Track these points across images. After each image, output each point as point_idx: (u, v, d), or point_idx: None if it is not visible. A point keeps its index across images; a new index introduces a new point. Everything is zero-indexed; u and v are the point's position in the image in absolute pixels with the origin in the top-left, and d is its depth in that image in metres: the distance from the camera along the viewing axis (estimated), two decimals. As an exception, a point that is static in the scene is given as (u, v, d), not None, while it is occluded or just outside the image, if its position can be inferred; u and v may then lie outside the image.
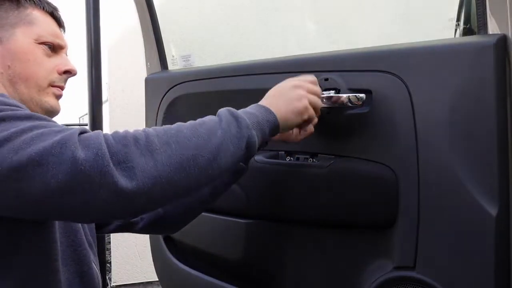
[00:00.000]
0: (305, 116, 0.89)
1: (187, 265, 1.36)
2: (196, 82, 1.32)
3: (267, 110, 0.83)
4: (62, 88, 0.91)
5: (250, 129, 0.77)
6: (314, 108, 0.91)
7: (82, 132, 0.67)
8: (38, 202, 0.64)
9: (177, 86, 1.36)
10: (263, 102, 0.86)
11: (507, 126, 0.83)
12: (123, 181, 0.63)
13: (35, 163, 0.62)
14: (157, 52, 1.49)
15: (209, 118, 0.77)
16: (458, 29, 1.16)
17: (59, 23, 0.93)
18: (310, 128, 0.95)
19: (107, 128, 3.20)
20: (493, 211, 0.83)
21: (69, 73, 0.91)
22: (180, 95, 1.36)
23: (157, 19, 1.47)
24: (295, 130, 0.96)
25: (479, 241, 0.85)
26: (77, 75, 0.94)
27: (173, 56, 1.52)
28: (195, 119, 0.78)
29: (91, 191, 0.62)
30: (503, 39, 0.83)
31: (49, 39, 0.88)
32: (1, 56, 0.84)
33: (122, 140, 0.66)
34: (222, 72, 1.27)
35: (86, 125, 2.14)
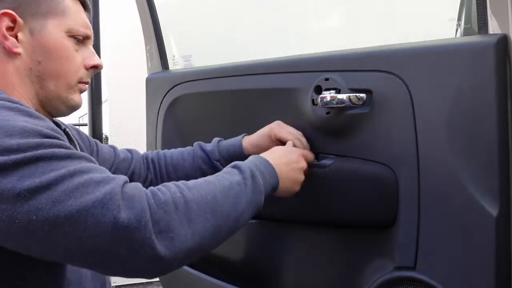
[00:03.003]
0: (298, 187, 0.96)
1: (188, 265, 1.36)
2: (197, 82, 1.32)
3: (275, 177, 0.88)
4: (87, 83, 0.87)
5: (262, 195, 0.82)
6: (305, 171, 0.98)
7: (125, 182, 0.65)
8: (68, 257, 0.63)
9: (178, 86, 1.36)
10: (274, 161, 0.90)
11: (507, 126, 0.83)
12: (163, 251, 0.62)
13: (73, 220, 0.59)
14: (158, 52, 1.49)
15: (236, 180, 0.78)
16: (459, 29, 1.16)
17: (85, 8, 0.87)
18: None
19: (107, 128, 3.20)
20: (493, 211, 0.83)
21: (96, 68, 0.87)
22: (181, 95, 1.36)
23: (158, 19, 1.47)
24: None
25: (479, 241, 0.85)
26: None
27: (174, 56, 1.52)
28: (196, 119, 0.79)
29: (129, 256, 0.61)
30: (503, 39, 0.84)
31: (80, 31, 0.83)
32: (31, 49, 0.78)
33: (164, 206, 0.65)
34: (223, 72, 1.27)
35: (86, 125, 2.15)
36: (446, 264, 0.89)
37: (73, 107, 0.85)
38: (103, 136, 2.51)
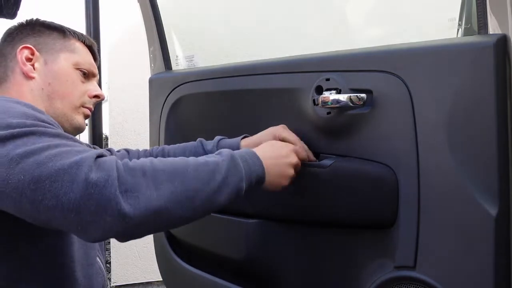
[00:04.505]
0: (286, 182, 0.96)
1: (190, 265, 1.37)
2: (199, 82, 1.33)
3: (260, 167, 0.89)
4: (91, 110, 1.04)
5: (242, 183, 0.84)
6: (298, 166, 1.00)
7: (100, 155, 0.73)
8: (49, 214, 0.70)
9: (181, 86, 1.37)
10: (261, 153, 0.92)
11: (507, 126, 0.84)
12: (127, 208, 0.69)
13: (52, 178, 0.68)
14: (161, 52, 1.49)
15: (213, 160, 0.83)
16: (460, 29, 1.16)
17: (94, 56, 1.07)
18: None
19: (107, 128, 3.20)
20: (493, 211, 0.83)
21: (97, 97, 1.04)
22: (184, 95, 1.36)
23: (161, 19, 1.48)
24: None
25: (479, 241, 0.85)
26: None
27: (177, 57, 1.53)
28: (198, 119, 0.81)
29: (97, 213, 0.68)
30: (503, 39, 0.84)
31: (86, 66, 1.02)
32: (44, 75, 0.97)
33: (131, 171, 0.72)
34: (225, 72, 1.27)
35: (86, 125, 2.15)
36: (446, 263, 0.89)
37: (77, 128, 1.01)
38: (103, 136, 2.51)
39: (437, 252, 0.90)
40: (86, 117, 1.03)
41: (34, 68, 0.97)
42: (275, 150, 0.96)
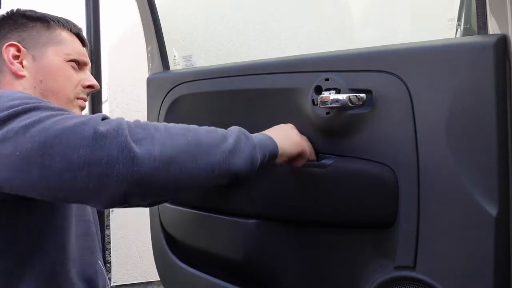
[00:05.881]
0: (300, 148, 0.98)
1: (189, 265, 1.37)
2: (198, 82, 1.33)
3: (271, 141, 0.91)
4: (85, 100, 1.01)
5: (256, 151, 0.83)
6: (306, 149, 1.01)
7: (105, 118, 0.72)
8: (59, 180, 0.67)
9: (179, 86, 1.37)
10: (268, 132, 0.95)
11: (507, 126, 0.83)
12: (141, 152, 0.66)
13: (59, 139, 0.66)
14: (159, 52, 1.49)
15: (221, 129, 0.83)
16: (459, 29, 1.16)
17: (83, 43, 1.03)
18: (303, 162, 1.02)
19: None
20: (493, 211, 0.83)
21: (91, 87, 1.01)
22: (182, 95, 1.36)
23: (159, 19, 1.47)
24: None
25: (479, 241, 0.85)
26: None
27: (174, 56, 1.52)
28: (197, 119, 0.81)
29: (109, 165, 0.65)
30: (503, 39, 0.84)
31: (76, 56, 0.98)
32: (34, 72, 0.93)
33: (142, 125, 0.71)
34: (223, 72, 1.27)
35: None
36: (446, 264, 0.89)
37: None
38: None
39: (437, 252, 0.90)
40: (82, 109, 1.00)
41: (22, 66, 0.93)
42: (283, 129, 0.99)
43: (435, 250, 0.90)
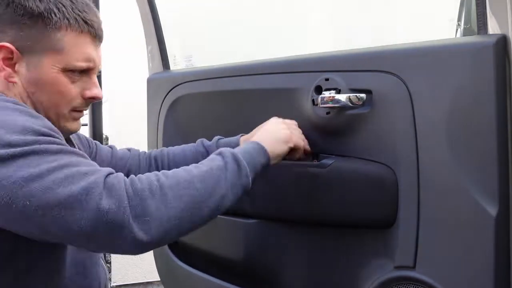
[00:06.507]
0: (291, 144, 0.98)
1: (189, 265, 1.36)
2: (197, 82, 1.33)
3: (262, 151, 0.92)
4: (82, 111, 0.91)
5: (248, 177, 0.86)
6: (297, 141, 1.01)
7: (107, 175, 0.73)
8: (59, 238, 0.72)
9: (179, 86, 1.37)
10: (256, 138, 0.96)
11: (507, 126, 0.83)
12: (140, 234, 0.71)
13: (62, 206, 0.68)
14: (159, 52, 1.49)
15: (216, 164, 0.84)
16: (458, 29, 1.16)
17: (96, 38, 0.88)
18: (299, 153, 1.03)
19: (107, 128, 3.20)
20: (493, 211, 0.83)
21: (93, 99, 0.90)
22: (182, 95, 1.36)
23: (159, 19, 1.47)
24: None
25: (479, 241, 0.85)
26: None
27: (174, 57, 1.52)
28: (197, 119, 0.81)
29: (110, 240, 0.70)
30: (503, 39, 0.84)
31: (78, 66, 0.85)
32: (26, 82, 0.84)
33: (141, 192, 0.73)
34: (223, 72, 1.27)
35: (86, 125, 2.14)
36: (446, 263, 0.89)
37: (68, 132, 0.91)
38: (103, 136, 2.51)
39: (437, 252, 0.90)
40: (76, 119, 0.91)
41: (15, 70, 0.83)
42: (270, 129, 0.99)
43: (435, 250, 0.90)
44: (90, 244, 0.72)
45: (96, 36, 0.88)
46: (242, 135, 1.13)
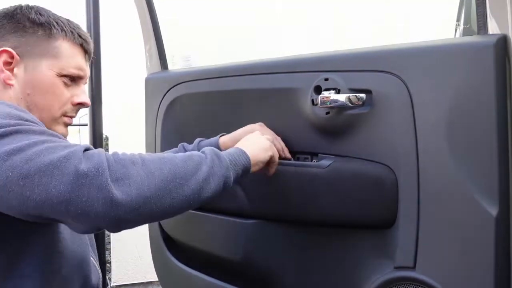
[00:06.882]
0: (270, 153, 1.01)
1: (187, 265, 1.36)
2: (196, 82, 1.33)
3: (243, 153, 0.94)
4: (72, 117, 0.98)
5: (229, 171, 0.88)
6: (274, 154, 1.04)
7: (87, 149, 0.74)
8: (37, 208, 0.70)
9: (177, 86, 1.36)
10: (239, 145, 0.98)
11: (507, 126, 0.83)
12: (119, 195, 0.70)
13: (41, 173, 0.69)
14: (157, 52, 1.49)
15: (196, 153, 0.86)
16: (458, 29, 1.16)
17: (87, 53, 0.99)
18: (273, 167, 1.05)
19: (107, 128, 3.19)
20: (493, 211, 0.83)
21: (81, 105, 0.97)
22: (180, 95, 1.36)
23: (157, 19, 1.47)
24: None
25: (479, 241, 0.85)
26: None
27: (173, 56, 1.52)
28: (195, 119, 0.81)
29: (88, 203, 0.69)
30: (503, 39, 0.83)
31: (71, 72, 0.94)
32: (23, 83, 0.90)
33: (122, 161, 0.74)
34: (222, 72, 1.27)
35: (86, 125, 2.15)
36: (446, 264, 0.89)
37: None
38: (103, 136, 2.51)
39: (437, 252, 0.90)
40: (67, 125, 0.98)
41: (13, 74, 0.90)
42: (252, 139, 1.01)
43: (435, 250, 0.90)
44: (69, 212, 0.70)
45: (87, 51, 0.98)
46: (222, 135, 1.15)
